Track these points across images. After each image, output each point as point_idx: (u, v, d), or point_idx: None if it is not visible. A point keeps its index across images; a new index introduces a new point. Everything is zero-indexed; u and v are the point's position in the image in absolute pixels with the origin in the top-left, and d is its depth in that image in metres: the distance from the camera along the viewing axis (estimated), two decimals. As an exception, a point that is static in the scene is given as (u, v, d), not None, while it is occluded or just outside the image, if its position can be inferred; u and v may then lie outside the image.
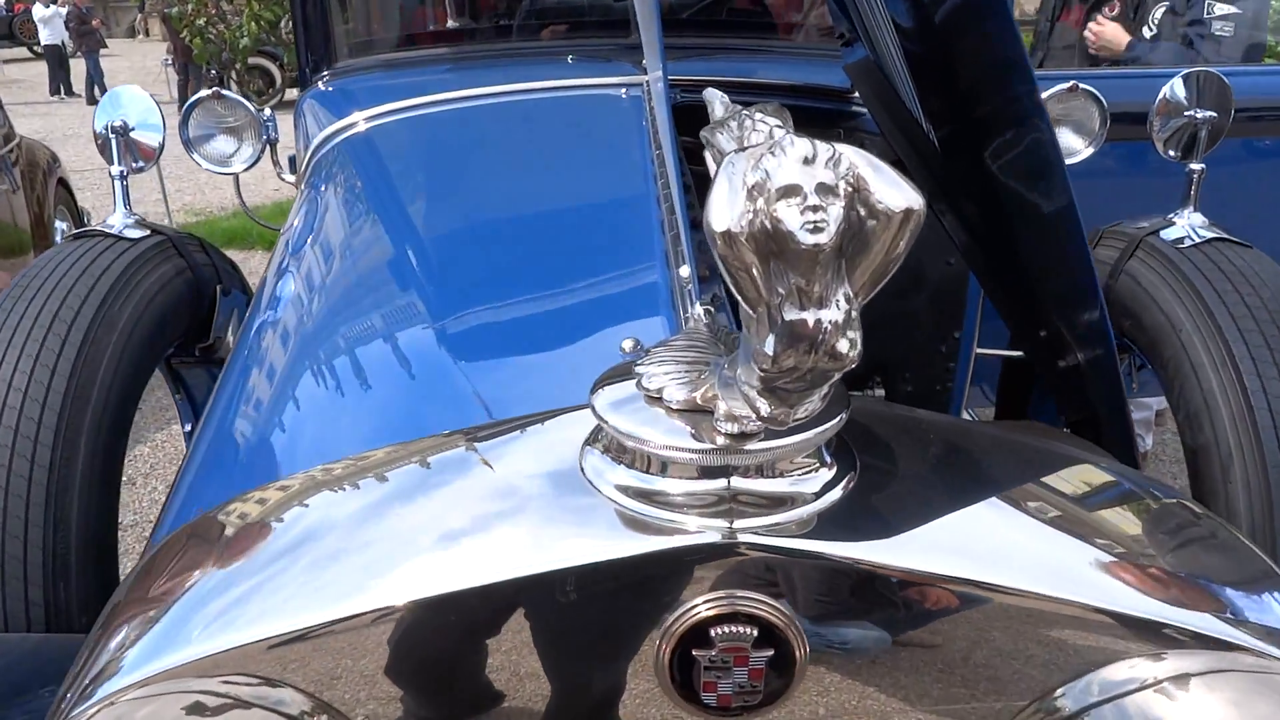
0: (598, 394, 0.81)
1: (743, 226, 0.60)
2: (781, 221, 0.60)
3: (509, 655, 0.80)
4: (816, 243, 0.60)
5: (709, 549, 0.75)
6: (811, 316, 0.63)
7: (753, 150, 0.63)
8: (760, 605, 0.77)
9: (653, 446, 0.76)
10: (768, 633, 0.77)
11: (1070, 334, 1.52)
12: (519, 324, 1.50)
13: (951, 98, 1.56)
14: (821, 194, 0.60)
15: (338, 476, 0.95)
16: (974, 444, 0.97)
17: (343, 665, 0.79)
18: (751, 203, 0.61)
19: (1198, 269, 1.85)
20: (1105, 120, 2.19)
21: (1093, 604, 0.78)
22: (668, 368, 0.77)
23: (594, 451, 0.83)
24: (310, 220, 1.97)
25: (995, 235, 1.61)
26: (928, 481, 0.88)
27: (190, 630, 0.82)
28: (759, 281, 0.62)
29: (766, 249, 0.61)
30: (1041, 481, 0.91)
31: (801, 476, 0.78)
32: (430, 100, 2.22)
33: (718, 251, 0.62)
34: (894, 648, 0.80)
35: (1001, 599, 0.78)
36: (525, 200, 1.85)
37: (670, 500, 0.77)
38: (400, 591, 0.78)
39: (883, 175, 0.62)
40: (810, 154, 0.61)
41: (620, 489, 0.79)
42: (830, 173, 0.61)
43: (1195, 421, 1.71)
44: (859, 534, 0.78)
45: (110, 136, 2.03)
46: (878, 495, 0.82)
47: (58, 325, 1.68)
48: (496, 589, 0.77)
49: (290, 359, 1.49)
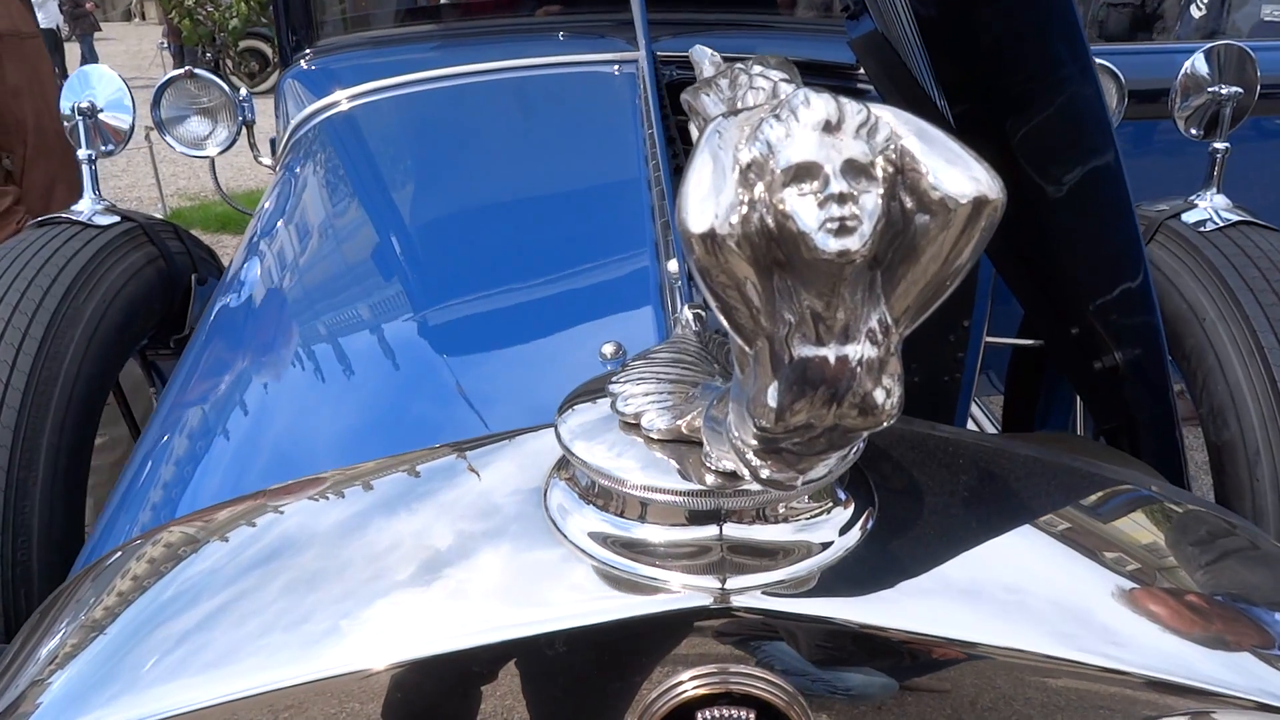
0: (565, 417, 0.67)
1: (732, 226, 0.42)
2: (792, 218, 0.42)
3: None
4: (844, 249, 0.41)
5: (695, 613, 0.62)
6: (833, 354, 0.44)
7: (748, 114, 0.45)
8: (758, 683, 0.64)
9: (628, 487, 0.62)
10: (766, 712, 0.65)
11: (1107, 330, 1.38)
12: (503, 314, 1.42)
13: (973, 68, 1.44)
14: (850, 176, 0.42)
15: (321, 486, 0.85)
16: (1011, 469, 0.82)
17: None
18: (746, 190, 0.43)
19: (1221, 253, 1.75)
20: (1123, 97, 2.09)
21: (1132, 671, 0.67)
22: (648, 388, 0.63)
23: (560, 485, 0.69)
24: (283, 202, 1.87)
25: (1019, 218, 1.49)
26: (958, 520, 0.74)
27: (138, 662, 0.72)
28: (756, 304, 0.44)
29: (768, 258, 0.43)
30: (1085, 513, 0.79)
31: (809, 521, 0.64)
32: (416, 79, 2.14)
33: (694, 261, 0.44)
34: (901, 693, 0.68)
35: (1028, 661, 0.67)
36: (511, 184, 1.76)
37: (651, 550, 0.64)
38: (373, 651, 0.67)
39: (939, 149, 0.43)
40: (834, 117, 0.43)
41: (593, 536, 0.66)
42: (862, 145, 0.43)
43: (1220, 417, 1.62)
44: (880, 589, 0.65)
45: (78, 118, 1.93)
46: (901, 539, 0.69)
47: (17, 318, 1.59)
48: (457, 658, 0.65)
49: (254, 345, 1.40)
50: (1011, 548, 0.73)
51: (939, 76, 1.46)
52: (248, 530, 0.83)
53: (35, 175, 2.88)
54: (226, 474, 1.18)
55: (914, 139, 0.44)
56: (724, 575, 0.63)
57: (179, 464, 1.24)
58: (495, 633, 0.64)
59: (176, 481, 1.20)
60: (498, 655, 0.65)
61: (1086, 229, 1.36)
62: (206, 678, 0.68)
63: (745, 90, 0.69)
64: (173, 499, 1.17)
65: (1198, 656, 0.69)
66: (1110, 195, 1.22)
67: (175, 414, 1.34)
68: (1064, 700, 0.68)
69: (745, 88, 0.70)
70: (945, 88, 1.47)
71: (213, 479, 1.17)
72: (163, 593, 0.79)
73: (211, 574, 0.79)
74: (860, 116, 0.43)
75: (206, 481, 1.17)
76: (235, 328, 1.49)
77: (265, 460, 1.20)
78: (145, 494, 1.20)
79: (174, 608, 0.77)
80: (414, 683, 0.67)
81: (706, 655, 0.64)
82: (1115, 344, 1.37)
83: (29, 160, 2.81)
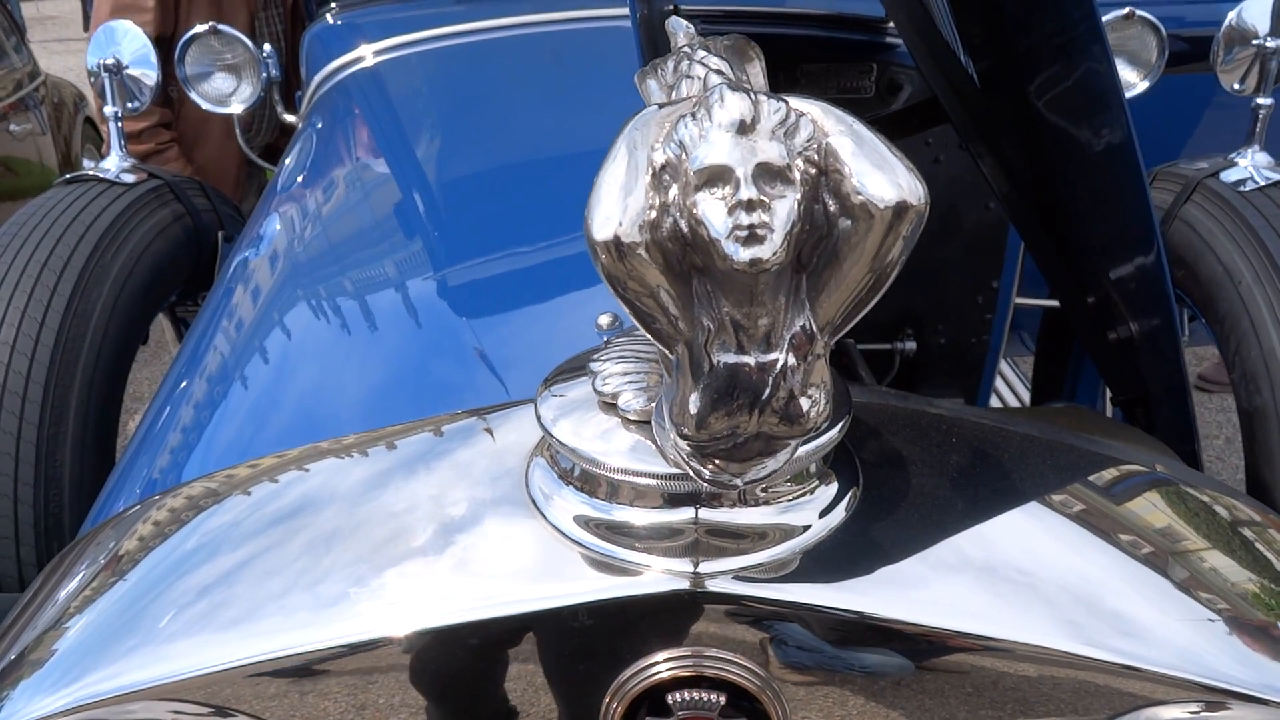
0: (546, 394, 0.66)
1: (642, 231, 0.40)
2: (704, 223, 0.40)
3: (477, 693, 0.71)
4: (754, 258, 0.40)
5: (670, 597, 0.62)
6: (755, 360, 0.43)
7: (671, 109, 0.44)
8: (731, 668, 0.63)
9: (605, 469, 0.61)
10: (739, 697, 0.64)
11: (1122, 298, 1.36)
12: (523, 275, 1.41)
13: (995, 27, 1.40)
14: (763, 180, 0.40)
15: (341, 447, 0.86)
16: (1006, 448, 0.79)
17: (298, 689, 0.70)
18: (660, 193, 0.41)
19: (1261, 214, 1.70)
20: (1164, 50, 2.02)
21: (1134, 665, 0.65)
22: (626, 366, 0.62)
23: (542, 464, 0.69)
24: (304, 158, 1.88)
25: (1038, 181, 1.46)
26: (947, 500, 0.72)
27: (158, 614, 0.73)
28: (673, 311, 0.42)
29: (684, 263, 0.41)
30: (1086, 494, 0.76)
31: (791, 503, 0.63)
32: (441, 33, 2.11)
33: (600, 269, 0.43)
34: (918, 672, 0.67)
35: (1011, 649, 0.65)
36: (534, 142, 1.75)
37: (628, 533, 0.63)
38: (378, 622, 0.68)
39: (866, 150, 0.42)
40: (748, 116, 0.41)
41: (576, 519, 0.65)
42: (778, 146, 0.40)
43: (1253, 382, 1.58)
44: (858, 574, 0.64)
45: (103, 75, 1.94)
46: (885, 521, 0.67)
47: (46, 275, 1.62)
48: (459, 631, 0.66)
49: (273, 300, 1.41)
50: (1001, 529, 0.71)
51: (963, 34, 1.43)
52: (270, 486, 0.84)
53: (189, 110, 2.96)
54: (243, 427, 1.20)
55: (843, 139, 0.41)
56: (698, 559, 0.62)
57: (195, 415, 1.25)
58: (477, 611, 0.65)
59: (193, 429, 1.22)
60: (482, 632, 0.66)
61: (1099, 200, 1.34)
62: (227, 636, 0.69)
63: (682, 79, 0.65)
64: (189, 446, 1.19)
65: (1202, 647, 0.68)
66: (1122, 170, 1.20)
67: (193, 367, 1.35)
68: (1049, 686, 0.67)
69: (683, 75, 0.65)
70: (970, 45, 1.43)
71: (228, 431, 1.19)
72: (184, 542, 0.80)
73: (233, 526, 0.81)
74: (778, 116, 0.41)
75: (221, 433, 1.19)
76: (255, 282, 1.50)
77: (282, 414, 1.21)
78: (162, 443, 1.21)
79: (195, 559, 0.78)
80: (433, 652, 0.68)
81: (680, 639, 0.64)
82: (1130, 314, 1.35)
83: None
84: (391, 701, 0.69)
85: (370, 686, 0.68)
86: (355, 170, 1.77)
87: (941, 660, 0.67)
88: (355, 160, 1.80)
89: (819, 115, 0.42)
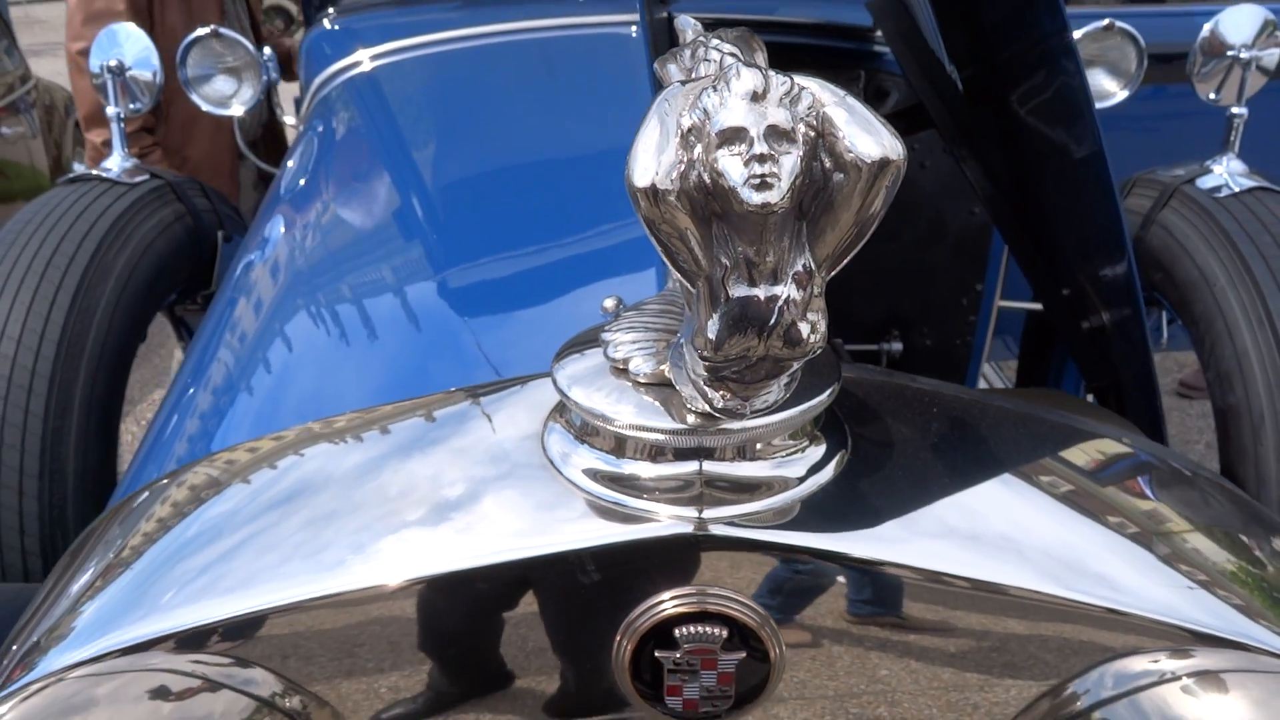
0: (561, 363, 0.73)
1: (673, 181, 0.50)
2: (723, 175, 0.49)
3: (484, 644, 0.75)
4: (764, 201, 0.49)
5: (676, 540, 0.68)
6: (764, 293, 0.52)
7: (693, 84, 0.52)
8: (732, 604, 0.70)
9: (617, 425, 0.68)
10: (740, 632, 0.70)
11: (1095, 292, 1.43)
12: (522, 277, 1.44)
13: (977, 37, 1.46)
14: (772, 139, 0.49)
15: (338, 429, 0.90)
16: (983, 418, 0.87)
17: (311, 644, 0.74)
18: (687, 151, 0.50)
19: (1235, 219, 1.75)
20: (1142, 61, 2.08)
21: (1108, 605, 0.71)
22: (636, 335, 0.69)
23: (557, 428, 0.75)
24: (305, 162, 1.91)
25: (1019, 184, 1.52)
26: (929, 462, 0.79)
27: (161, 593, 0.77)
28: (697, 251, 0.52)
29: (706, 210, 0.50)
30: (1057, 460, 0.83)
31: (786, 458, 0.70)
32: (438, 38, 2.14)
33: (640, 213, 0.51)
34: (905, 633, 0.73)
35: (1009, 597, 0.71)
36: (529, 146, 1.78)
37: (639, 484, 0.70)
38: (383, 570, 0.72)
39: (856, 118, 0.51)
40: (760, 88, 0.50)
41: (586, 472, 0.72)
42: (784, 112, 0.50)
43: (1226, 381, 1.63)
44: (847, 522, 0.71)
45: (106, 76, 1.97)
46: (871, 478, 0.74)
47: (51, 272, 1.64)
48: (461, 577, 0.71)
49: (277, 302, 1.44)
50: (979, 491, 0.77)
51: (948, 43, 1.48)
52: (268, 473, 0.87)
53: (175, 111, 3.07)
54: (252, 429, 1.23)
55: (836, 107, 0.51)
56: (702, 507, 0.69)
57: (204, 416, 1.28)
58: (497, 555, 0.70)
59: (202, 434, 1.25)
60: (498, 577, 0.71)
61: (1073, 207, 1.40)
62: (227, 598, 0.74)
63: (700, 61, 0.76)
64: (198, 452, 1.22)
65: (1181, 604, 0.73)
66: (1093, 173, 1.26)
67: (201, 368, 1.38)
68: (1035, 645, 0.72)
69: (701, 60, 0.76)
70: (954, 54, 1.49)
71: (237, 432, 1.22)
72: (185, 531, 0.84)
73: (232, 514, 0.84)
74: (784, 88, 0.51)
75: (231, 434, 1.22)
76: (260, 287, 1.53)
77: (291, 415, 1.24)
78: (172, 444, 1.25)
79: (196, 544, 0.81)
80: (428, 600, 0.73)
81: (686, 578, 0.70)
82: (1102, 305, 1.41)
83: (172, 95, 2.86)
84: (409, 655, 0.74)
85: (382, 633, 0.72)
86: (355, 174, 1.80)
87: (928, 619, 0.72)
88: (355, 164, 1.84)
89: (817, 89, 0.52)
